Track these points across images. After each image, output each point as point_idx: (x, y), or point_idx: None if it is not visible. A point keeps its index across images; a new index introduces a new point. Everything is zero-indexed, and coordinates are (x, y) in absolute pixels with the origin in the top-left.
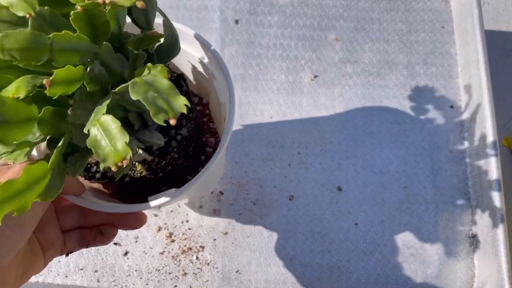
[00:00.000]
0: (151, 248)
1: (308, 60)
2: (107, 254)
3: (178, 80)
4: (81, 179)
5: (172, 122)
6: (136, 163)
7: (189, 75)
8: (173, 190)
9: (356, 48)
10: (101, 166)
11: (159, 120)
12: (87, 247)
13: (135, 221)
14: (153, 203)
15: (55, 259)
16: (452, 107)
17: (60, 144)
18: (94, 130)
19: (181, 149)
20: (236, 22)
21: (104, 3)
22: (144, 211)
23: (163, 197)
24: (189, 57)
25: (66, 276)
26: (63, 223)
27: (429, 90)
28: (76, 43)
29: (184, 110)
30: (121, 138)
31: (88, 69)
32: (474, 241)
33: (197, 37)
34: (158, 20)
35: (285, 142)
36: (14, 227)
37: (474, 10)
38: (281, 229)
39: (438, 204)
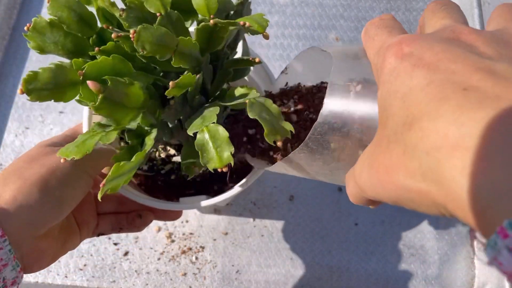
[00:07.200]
0: (151, 248)
1: None
2: (107, 254)
3: None
4: None
5: (279, 144)
6: (172, 159)
7: None
8: (226, 192)
9: None
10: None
11: (269, 139)
12: (119, 232)
13: (175, 214)
14: (204, 202)
15: None
16: None
17: (150, 141)
18: (202, 135)
19: None
20: None
21: (244, 25)
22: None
23: (212, 199)
24: None
25: (66, 276)
26: (100, 207)
27: None
28: (191, 50)
29: (289, 135)
30: (227, 148)
31: (197, 77)
32: (474, 241)
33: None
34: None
35: None
36: (54, 204)
37: (474, 10)
38: (281, 229)
39: None
